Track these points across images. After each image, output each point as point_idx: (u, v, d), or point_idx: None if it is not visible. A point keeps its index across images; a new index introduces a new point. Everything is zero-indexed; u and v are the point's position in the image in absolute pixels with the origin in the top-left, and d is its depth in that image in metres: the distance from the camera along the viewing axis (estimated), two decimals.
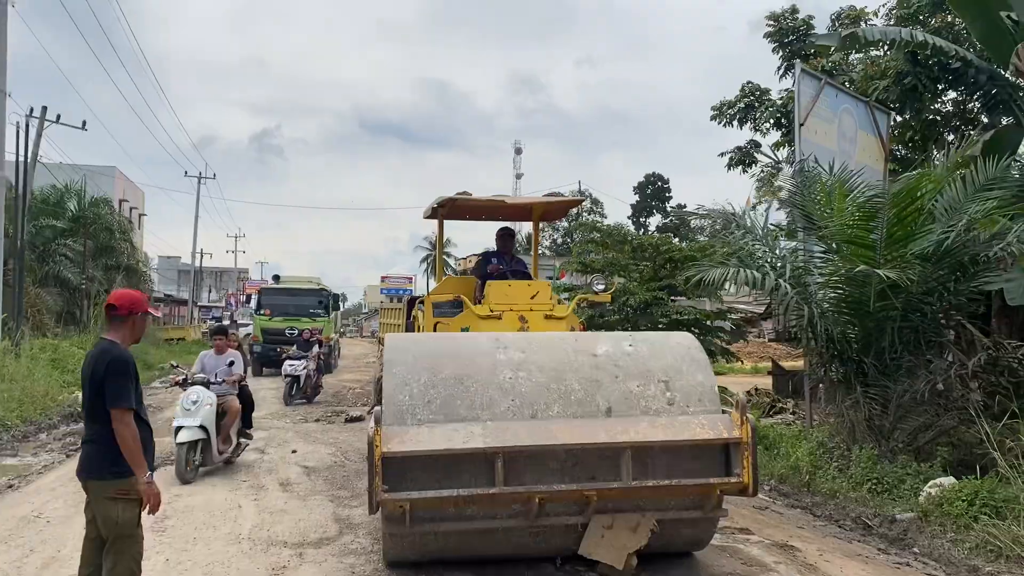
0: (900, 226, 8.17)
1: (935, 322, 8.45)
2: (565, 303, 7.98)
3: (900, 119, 14.53)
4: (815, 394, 10.83)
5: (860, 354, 8.50)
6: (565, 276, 24.84)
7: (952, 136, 15.04)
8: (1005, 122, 14.76)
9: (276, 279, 27.79)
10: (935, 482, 7.36)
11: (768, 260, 9.37)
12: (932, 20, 14.09)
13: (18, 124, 21.43)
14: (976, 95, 13.28)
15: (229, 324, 40.75)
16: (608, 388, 4.64)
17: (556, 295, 8.17)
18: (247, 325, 33.15)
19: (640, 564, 4.88)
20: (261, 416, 13.71)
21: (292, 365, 16.32)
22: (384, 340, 5.09)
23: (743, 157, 18.68)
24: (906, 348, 8.26)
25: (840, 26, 15.93)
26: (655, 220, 66.34)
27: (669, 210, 65.83)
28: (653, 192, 68.25)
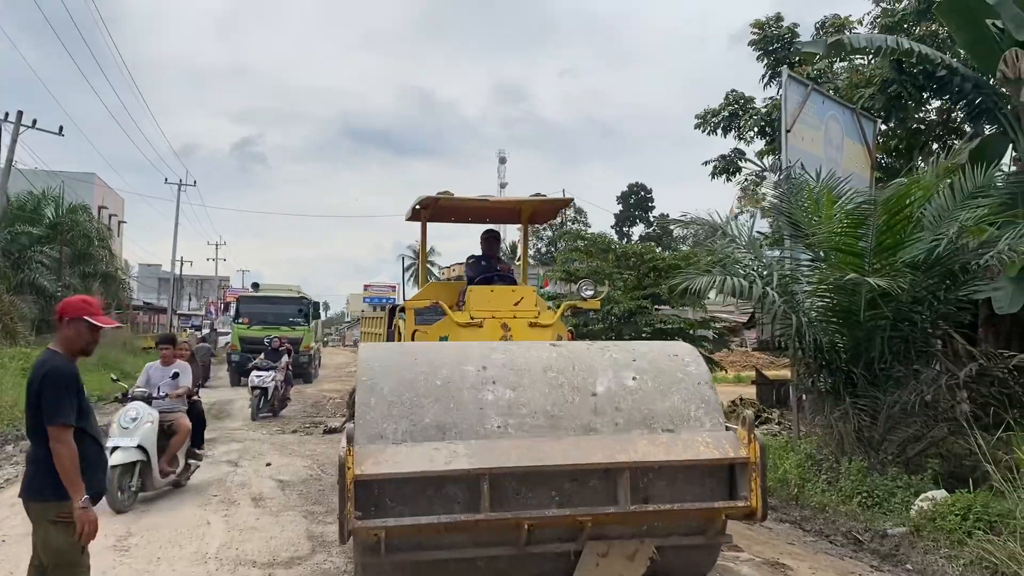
0: (889, 234, 8.02)
1: (924, 332, 8.30)
2: (552, 310, 7.67)
3: (885, 127, 14.47)
4: (801, 405, 10.66)
5: (849, 364, 8.33)
6: (549, 284, 24.65)
7: (936, 145, 14.99)
8: (988, 131, 14.77)
9: (255, 287, 27.47)
10: (926, 495, 7.19)
11: (755, 268, 9.20)
12: (916, 29, 14.04)
13: None
14: (960, 104, 13.23)
15: (209, 332, 40.31)
16: (599, 381, 4.32)
17: (544, 301, 7.87)
18: (226, 333, 32.72)
19: None
20: (236, 427, 13.44)
21: (260, 377, 15.35)
22: (359, 350, 4.46)
23: (727, 165, 18.55)
24: (896, 358, 8.10)
25: (824, 34, 15.85)
26: (638, 229, 66.47)
27: (652, 219, 65.98)
28: (636, 202, 68.40)
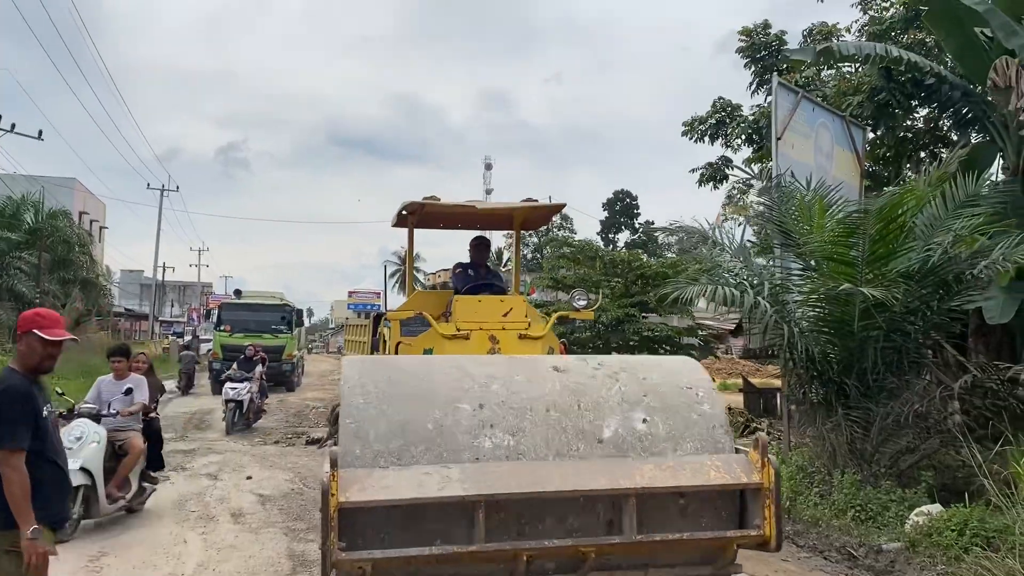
0: (882, 243, 7.92)
1: (917, 342, 8.19)
2: (543, 320, 7.41)
3: (873, 136, 14.42)
4: (792, 415, 10.53)
5: (841, 375, 8.21)
6: (535, 292, 24.48)
7: (923, 153, 14.96)
8: (975, 139, 14.76)
9: (238, 294, 27.14)
10: (921, 510, 7.06)
11: (745, 277, 9.07)
12: (904, 37, 14.00)
13: None
14: (948, 112, 13.20)
15: (191, 339, 39.80)
16: (607, 425, 3.90)
17: (536, 311, 7.59)
18: (208, 341, 32.34)
19: None
20: (216, 438, 13.17)
21: (234, 389, 14.36)
22: (342, 363, 4.11)
23: (714, 173, 18.48)
24: (888, 369, 7.98)
25: (812, 42, 15.82)
26: (623, 236, 66.47)
27: (638, 226, 66.05)
28: (621, 208, 68.40)
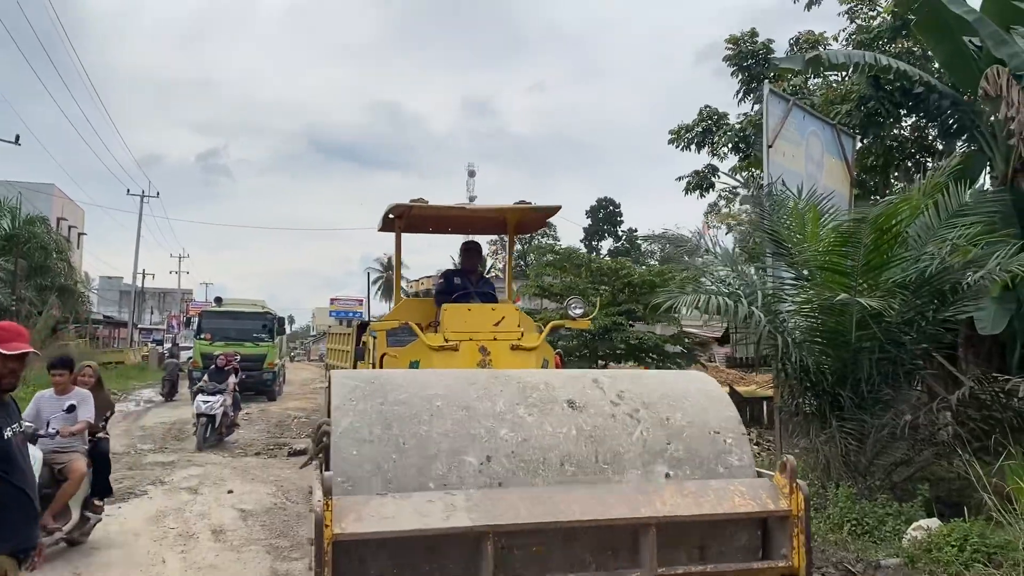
0: (876, 253, 7.83)
1: (912, 353, 8.10)
2: (536, 330, 7.18)
3: (861, 144, 14.42)
4: (786, 427, 10.42)
5: (835, 386, 8.10)
6: (520, 301, 24.33)
7: (910, 163, 14.97)
8: (960, 148, 14.79)
9: (218, 301, 26.76)
10: (919, 524, 6.93)
11: (738, 287, 8.96)
12: (892, 46, 14.01)
13: None
14: (936, 121, 13.21)
15: (171, 347, 39.28)
16: (626, 480, 3.51)
17: (529, 320, 7.34)
18: (189, 348, 31.93)
19: None
20: (195, 450, 12.82)
21: (207, 402, 13.26)
22: (330, 378, 3.70)
23: (700, 181, 18.43)
24: (884, 380, 7.88)
25: (799, 51, 15.82)
26: (607, 244, 66.52)
27: (621, 233, 66.17)
28: (605, 216, 68.47)
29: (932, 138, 15.22)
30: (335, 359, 18.00)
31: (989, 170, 11.68)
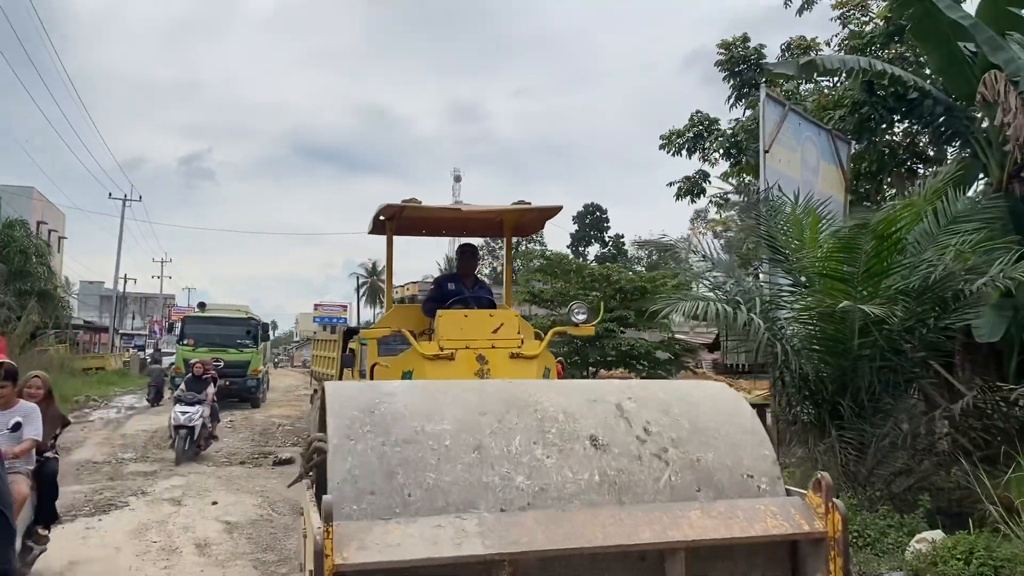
0: (877, 260, 7.71)
1: (913, 361, 7.98)
2: (537, 337, 6.88)
3: (854, 150, 14.36)
4: (783, 436, 10.28)
5: (835, 395, 7.96)
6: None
7: (903, 169, 14.92)
8: (951, 154, 14.76)
9: (201, 307, 26.45)
10: (922, 536, 6.79)
11: (736, 294, 8.82)
12: (885, 51, 13.95)
13: None
14: (928, 127, 13.15)
15: (153, 352, 38.77)
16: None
17: (529, 326, 7.01)
18: (171, 354, 31.53)
19: None
20: (173, 464, 12.33)
21: (186, 413, 12.56)
22: (325, 390, 3.36)
23: (692, 187, 18.33)
24: (885, 389, 7.75)
25: (791, 56, 15.75)
26: (593, 249, 66.50)
27: (607, 239, 66.24)
28: (592, 222, 68.50)
29: (923, 144, 15.19)
30: (320, 366, 17.72)
31: (983, 176, 11.60)
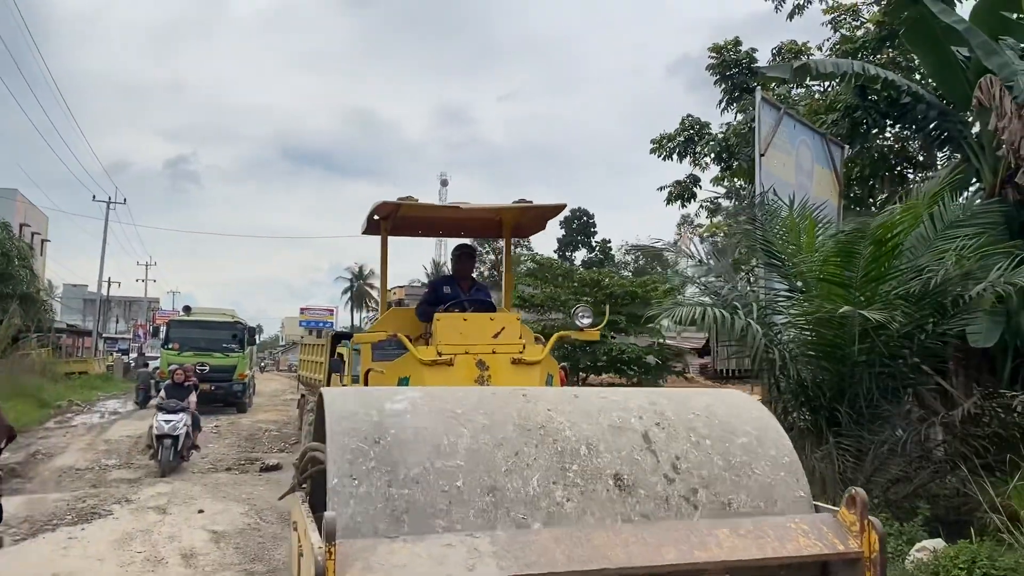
0: (876, 264, 7.62)
1: (912, 367, 7.90)
2: (539, 342, 6.58)
3: (848, 154, 14.33)
4: None
5: (833, 401, 7.87)
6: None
7: (893, 173, 14.91)
8: (940, 159, 14.75)
9: (187, 310, 26.16)
10: (922, 545, 6.68)
11: (733, 298, 8.72)
12: (877, 56, 13.92)
13: None
14: (921, 132, 13.12)
15: (137, 356, 38.38)
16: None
17: (531, 331, 6.72)
18: (155, 358, 31.18)
19: None
20: (157, 475, 12.14)
21: (169, 421, 11.95)
22: (322, 400, 3.13)
23: (682, 191, 18.26)
24: (883, 395, 7.66)
25: (782, 60, 15.71)
26: (580, 254, 66.50)
27: (594, 244, 66.29)
28: (579, 227, 68.49)
29: (913, 150, 15.18)
30: (308, 370, 17.48)
31: (976, 181, 11.58)
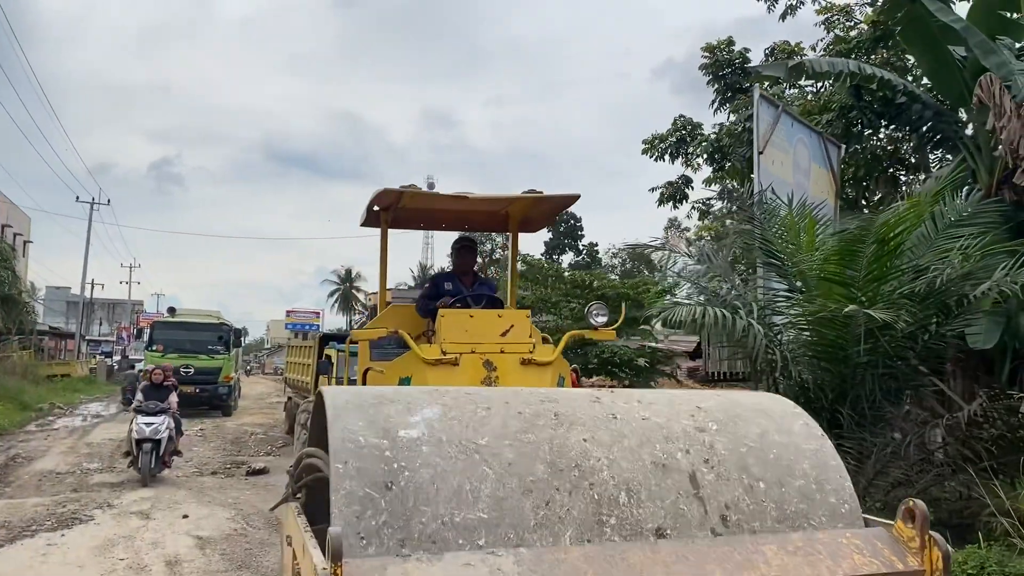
0: (878, 264, 7.49)
1: (915, 368, 7.76)
2: (549, 341, 6.27)
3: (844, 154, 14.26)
4: None
5: (834, 403, 7.72)
6: None
7: (888, 173, 14.85)
8: (933, 159, 14.69)
9: (171, 312, 25.79)
10: None
11: (733, 299, 8.56)
12: (871, 56, 13.85)
13: None
14: (916, 132, 13.05)
15: (123, 359, 37.88)
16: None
17: (539, 331, 6.38)
18: (139, 361, 30.79)
19: None
20: (139, 483, 11.82)
21: (151, 424, 11.14)
22: (323, 399, 2.75)
23: (674, 192, 18.15)
24: (885, 397, 7.51)
25: (776, 60, 15.62)
26: (567, 258, 66.47)
27: (582, 247, 66.31)
28: (566, 230, 68.44)
29: (905, 151, 15.12)
30: (295, 373, 17.20)
31: (973, 181, 11.50)
